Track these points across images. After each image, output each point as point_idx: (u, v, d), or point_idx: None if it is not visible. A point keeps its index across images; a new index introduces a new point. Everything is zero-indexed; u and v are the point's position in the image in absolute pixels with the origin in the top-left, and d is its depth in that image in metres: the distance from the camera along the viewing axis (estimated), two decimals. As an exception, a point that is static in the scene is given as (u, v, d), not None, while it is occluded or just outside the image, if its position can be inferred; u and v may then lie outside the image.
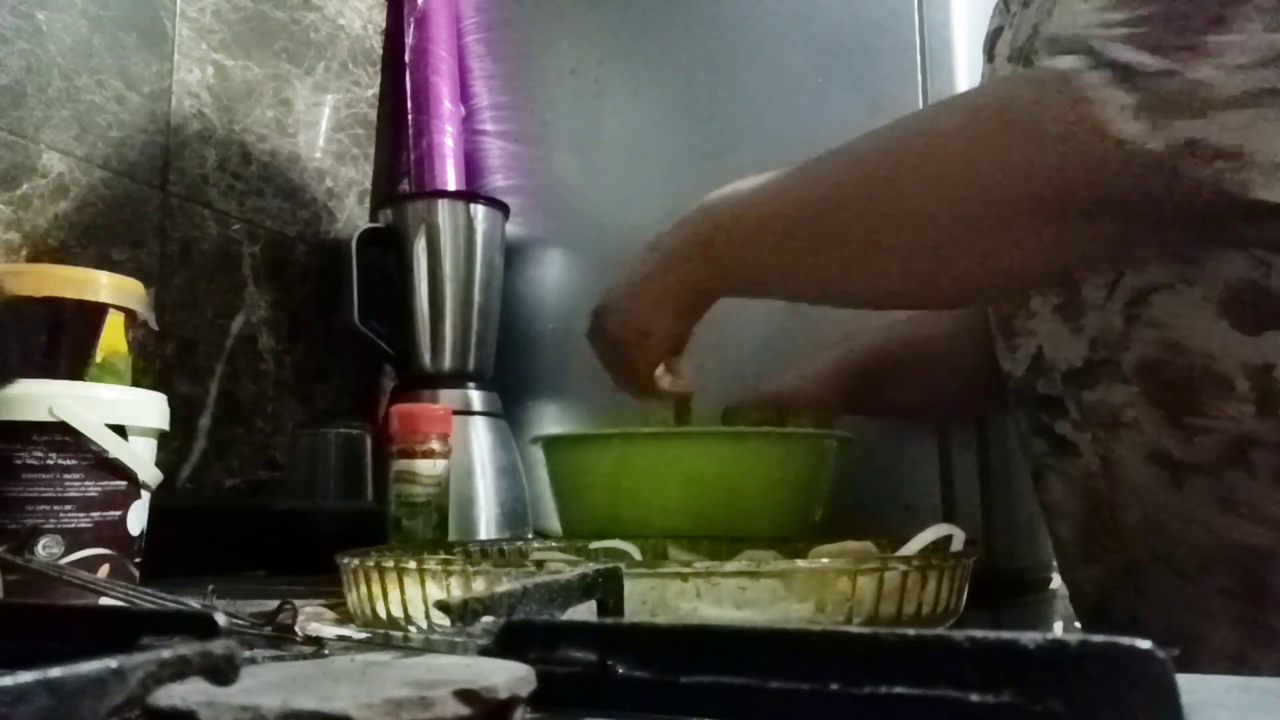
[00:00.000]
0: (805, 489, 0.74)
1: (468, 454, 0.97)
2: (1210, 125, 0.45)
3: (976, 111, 0.54)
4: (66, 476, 0.57)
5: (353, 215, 1.15)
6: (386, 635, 0.37)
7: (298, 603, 0.39)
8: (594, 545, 0.61)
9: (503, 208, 1.08)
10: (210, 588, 0.54)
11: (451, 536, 0.79)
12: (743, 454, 0.72)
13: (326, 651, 0.34)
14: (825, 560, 0.45)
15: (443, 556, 0.52)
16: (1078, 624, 0.75)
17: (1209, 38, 0.46)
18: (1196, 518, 0.57)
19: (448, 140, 1.14)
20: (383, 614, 0.44)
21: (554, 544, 0.66)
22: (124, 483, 0.60)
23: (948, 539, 0.53)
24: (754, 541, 0.62)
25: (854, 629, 0.24)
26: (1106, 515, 0.63)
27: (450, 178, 1.13)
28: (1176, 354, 0.56)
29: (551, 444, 0.79)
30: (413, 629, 0.43)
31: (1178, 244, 0.54)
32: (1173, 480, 0.58)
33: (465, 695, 0.21)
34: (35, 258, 0.80)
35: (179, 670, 0.21)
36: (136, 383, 0.67)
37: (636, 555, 0.60)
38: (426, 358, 1.04)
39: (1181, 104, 0.45)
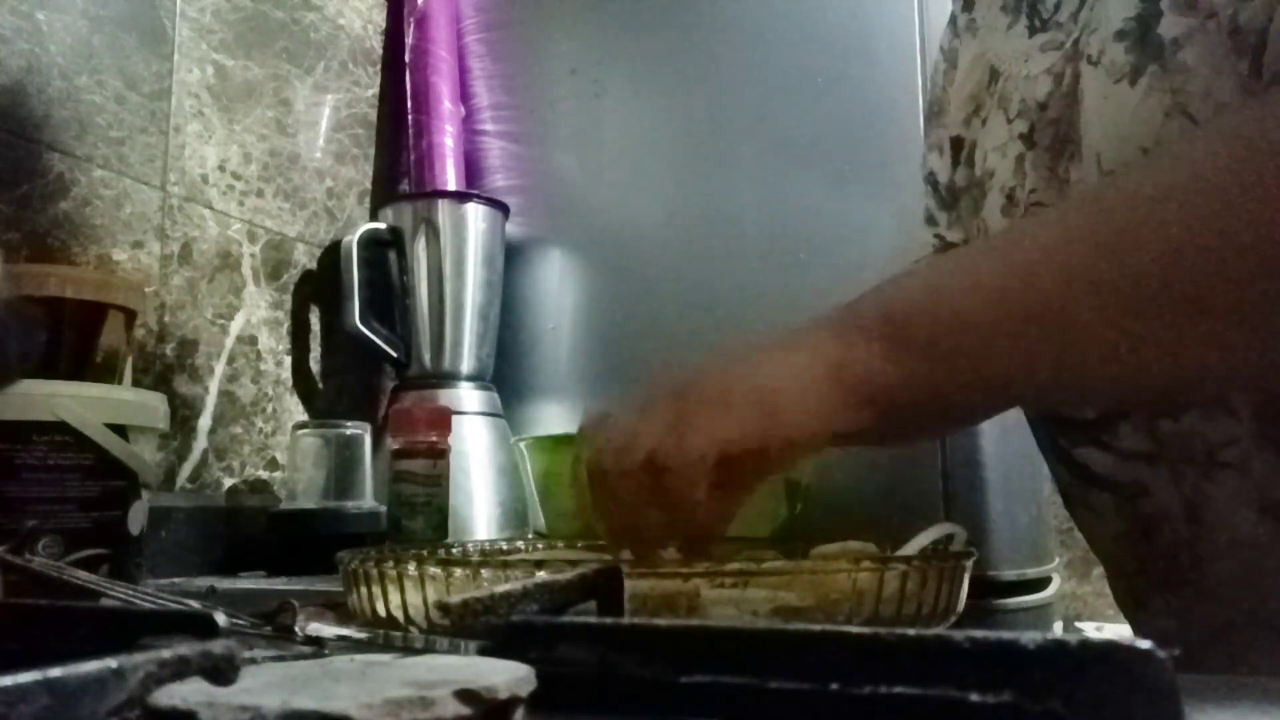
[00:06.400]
0: (770, 490, 0.73)
1: (468, 454, 0.97)
2: None
3: (1254, 147, 0.40)
4: (66, 476, 0.57)
5: (353, 215, 1.15)
6: (386, 635, 0.37)
7: (297, 603, 0.39)
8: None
9: (503, 208, 1.08)
10: (210, 588, 0.54)
11: (451, 536, 0.79)
12: None
13: (326, 651, 0.34)
14: (825, 560, 0.45)
15: (442, 557, 0.52)
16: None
17: None
18: None
19: (448, 140, 1.14)
20: (383, 614, 0.44)
21: (554, 544, 0.66)
22: (124, 483, 0.60)
23: (948, 539, 0.53)
24: (755, 541, 0.62)
25: (854, 629, 0.24)
26: (1186, 565, 0.53)
27: (450, 178, 1.13)
28: None
29: (526, 446, 0.80)
30: (413, 629, 0.43)
31: None
32: None
33: (465, 695, 0.21)
34: (35, 258, 0.80)
35: (179, 670, 0.21)
36: (136, 383, 0.67)
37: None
38: (426, 358, 1.04)
39: None
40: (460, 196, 1.08)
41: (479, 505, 0.97)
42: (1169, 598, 0.55)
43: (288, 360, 1.06)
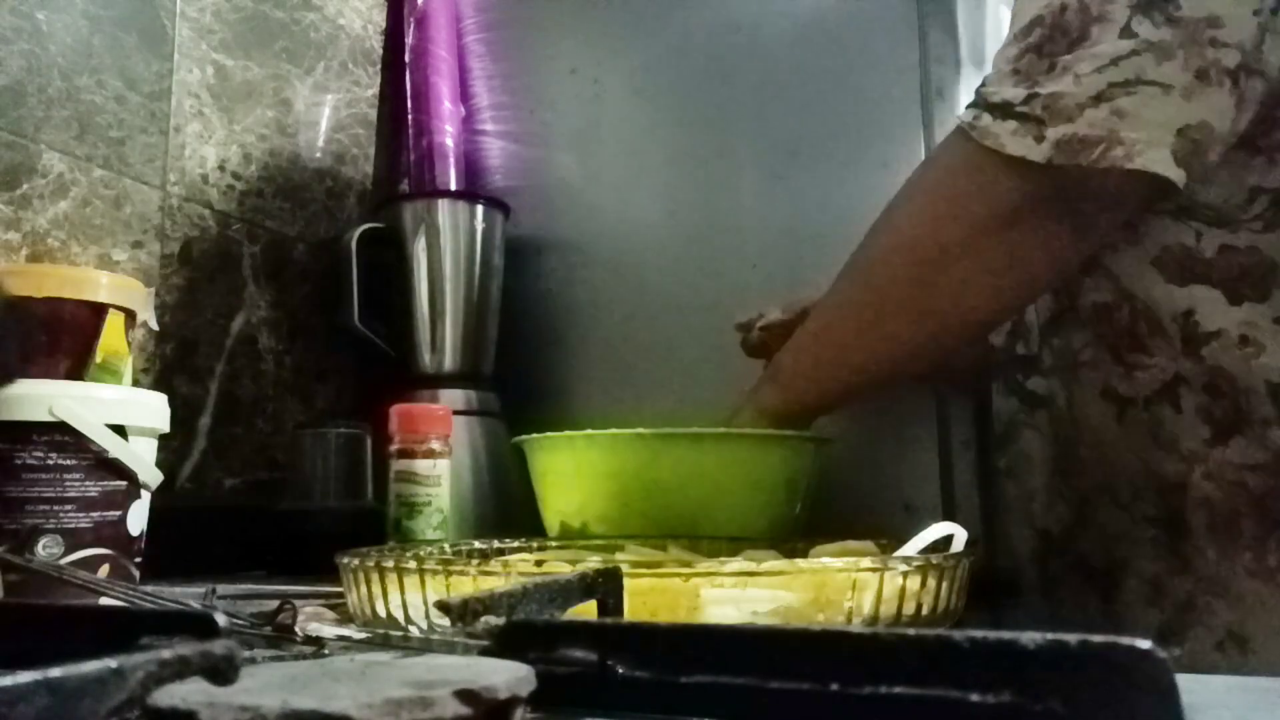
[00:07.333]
0: (770, 489, 0.73)
1: (468, 454, 0.97)
2: (1078, 125, 0.57)
3: (921, 178, 0.67)
4: (66, 476, 0.57)
5: (353, 215, 1.15)
6: (386, 635, 0.37)
7: (298, 603, 0.39)
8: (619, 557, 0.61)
9: (503, 208, 1.08)
10: (210, 588, 0.54)
11: (451, 536, 0.79)
12: (700, 455, 0.72)
13: (326, 651, 0.34)
14: (825, 560, 0.45)
15: (443, 556, 0.52)
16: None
17: (1064, 57, 0.58)
18: (1132, 449, 0.67)
19: (448, 140, 1.14)
20: (383, 614, 0.44)
21: (553, 544, 0.66)
22: (124, 483, 0.60)
23: (948, 539, 0.53)
24: (755, 541, 0.62)
25: (854, 629, 0.24)
26: (1073, 454, 0.72)
27: (450, 178, 1.13)
28: (1123, 299, 0.67)
29: (525, 446, 0.80)
30: (413, 629, 0.43)
31: (1120, 228, 0.65)
32: (1117, 414, 0.68)
33: (465, 695, 0.21)
34: (35, 258, 0.80)
35: (179, 670, 0.21)
36: (136, 383, 0.67)
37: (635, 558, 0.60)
38: (426, 358, 1.04)
39: (1049, 116, 0.58)
40: (460, 196, 1.08)
41: (479, 505, 0.97)
42: (1063, 491, 0.73)
43: (288, 360, 1.06)
